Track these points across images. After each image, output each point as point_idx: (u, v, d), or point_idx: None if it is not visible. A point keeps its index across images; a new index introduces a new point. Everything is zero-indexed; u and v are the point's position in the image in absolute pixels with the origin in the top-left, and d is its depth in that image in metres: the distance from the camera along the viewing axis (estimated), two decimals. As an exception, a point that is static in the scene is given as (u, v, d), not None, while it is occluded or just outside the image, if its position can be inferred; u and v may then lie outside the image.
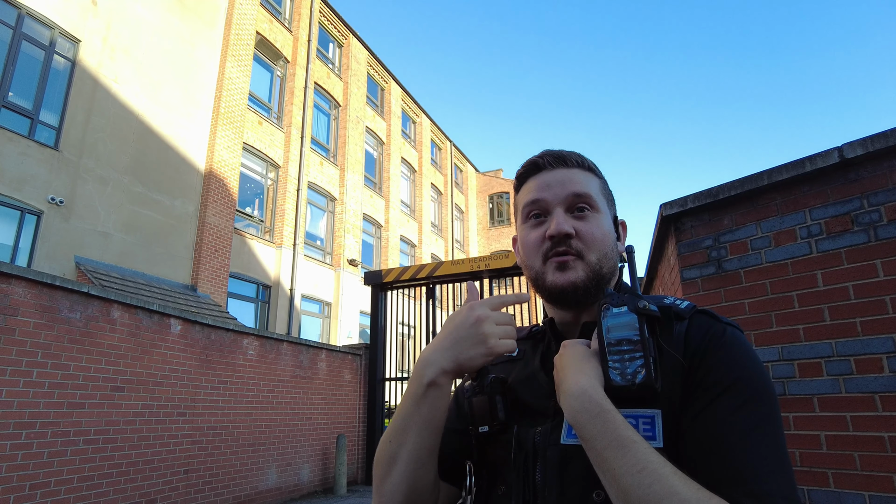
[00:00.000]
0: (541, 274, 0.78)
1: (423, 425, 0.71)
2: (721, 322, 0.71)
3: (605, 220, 0.80)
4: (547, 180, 0.80)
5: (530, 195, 0.81)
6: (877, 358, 2.01)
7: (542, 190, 0.80)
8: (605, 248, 0.78)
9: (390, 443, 0.73)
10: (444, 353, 0.72)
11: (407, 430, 0.71)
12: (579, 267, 0.75)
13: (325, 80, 17.30)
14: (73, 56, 9.71)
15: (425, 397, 0.71)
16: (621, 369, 0.65)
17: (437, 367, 0.71)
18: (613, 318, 0.67)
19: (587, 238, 0.76)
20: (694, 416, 0.63)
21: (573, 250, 0.76)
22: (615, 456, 0.58)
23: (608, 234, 0.79)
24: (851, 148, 2.16)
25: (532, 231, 0.80)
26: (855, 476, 1.99)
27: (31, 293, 4.30)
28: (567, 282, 0.75)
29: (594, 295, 0.75)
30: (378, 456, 0.75)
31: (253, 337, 6.83)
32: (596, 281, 0.76)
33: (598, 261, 0.76)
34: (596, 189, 0.81)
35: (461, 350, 0.72)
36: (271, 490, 6.83)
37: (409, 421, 0.72)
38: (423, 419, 0.71)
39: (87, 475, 4.60)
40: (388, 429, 0.75)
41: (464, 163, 29.24)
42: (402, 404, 0.74)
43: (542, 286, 0.78)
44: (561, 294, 0.76)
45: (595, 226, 0.78)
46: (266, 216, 14.59)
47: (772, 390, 0.65)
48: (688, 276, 2.65)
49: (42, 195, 8.82)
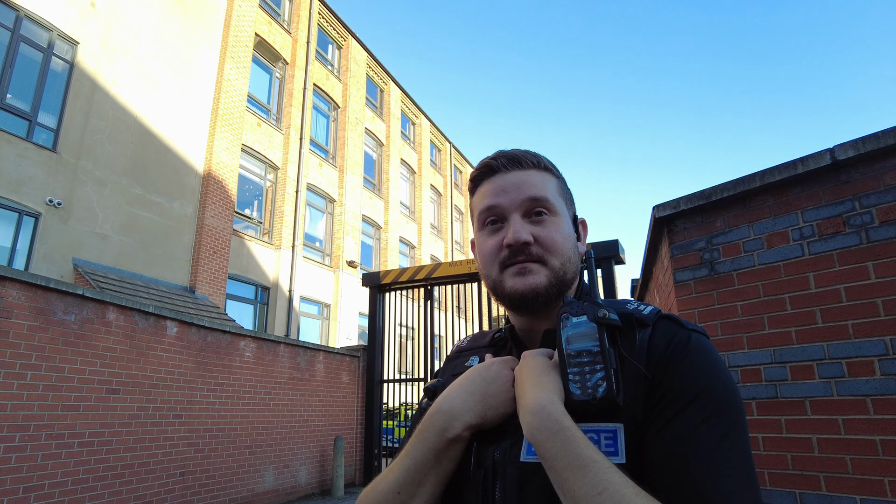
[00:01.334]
0: (499, 282, 0.75)
1: (442, 479, 0.69)
2: (685, 328, 0.68)
3: (564, 222, 0.77)
4: (502, 184, 0.77)
5: (485, 200, 0.78)
6: (869, 361, 2.00)
7: (497, 195, 0.77)
8: (567, 251, 0.75)
9: (399, 494, 0.68)
10: (471, 408, 0.69)
11: (422, 483, 0.68)
12: (541, 272, 0.73)
13: (324, 81, 17.31)
14: (72, 58, 9.72)
15: (447, 451, 0.68)
16: (581, 382, 0.62)
17: (464, 421, 0.68)
18: (573, 327, 0.65)
19: (547, 244, 0.74)
20: (658, 429, 0.61)
21: (533, 257, 0.73)
22: (575, 477, 0.56)
23: (568, 237, 0.77)
24: (843, 150, 2.15)
25: (489, 238, 0.77)
26: (846, 479, 1.97)
27: (26, 295, 4.29)
28: (528, 287, 0.72)
29: (555, 300, 0.73)
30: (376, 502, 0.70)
31: (250, 339, 6.82)
32: (558, 286, 0.73)
33: (562, 265, 0.74)
34: (553, 190, 0.78)
35: (490, 406, 0.69)
36: (268, 492, 6.82)
37: (426, 475, 0.68)
38: (444, 473, 0.69)
39: (81, 478, 4.59)
40: (394, 477, 0.70)
41: (463, 164, 29.24)
42: (415, 455, 0.69)
43: (501, 294, 0.76)
44: (522, 301, 0.73)
45: (554, 230, 0.75)
46: (265, 218, 14.59)
47: (737, 400, 0.62)
48: (681, 279, 2.64)
49: (40, 197, 8.82)
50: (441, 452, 0.68)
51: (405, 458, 0.70)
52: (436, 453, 0.68)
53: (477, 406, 0.69)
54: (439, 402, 0.72)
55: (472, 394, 0.71)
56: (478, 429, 0.69)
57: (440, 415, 0.70)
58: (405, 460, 0.70)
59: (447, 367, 0.90)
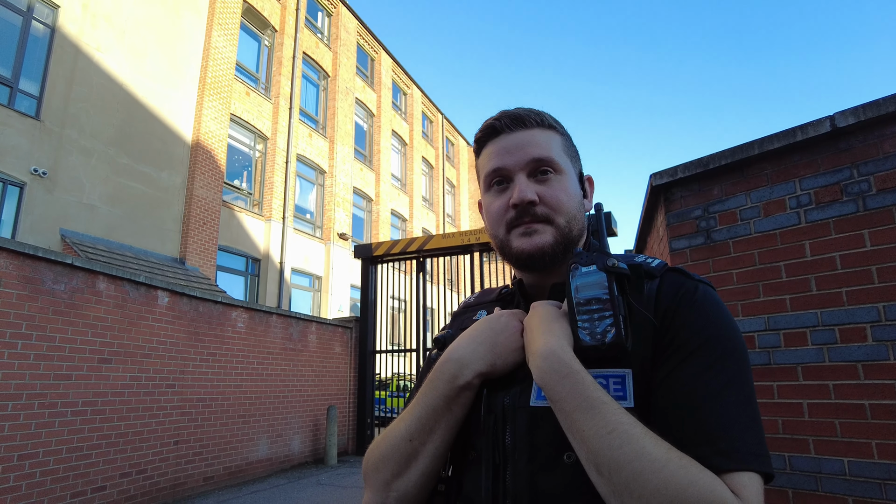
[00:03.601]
0: (506, 242, 0.77)
1: (454, 425, 0.70)
2: (693, 279, 0.70)
3: (569, 180, 0.78)
4: (506, 145, 0.77)
5: (491, 162, 0.78)
6: (861, 327, 2.02)
7: (502, 156, 0.77)
8: (573, 209, 0.76)
9: (411, 441, 0.70)
10: (482, 356, 0.70)
11: (433, 430, 0.69)
12: (547, 231, 0.74)
13: (313, 49, 16.96)
14: (53, 22, 9.42)
15: (458, 398, 0.69)
16: (591, 329, 0.63)
17: (473, 369, 0.69)
18: (582, 277, 0.66)
19: (552, 202, 0.74)
20: (665, 375, 0.62)
21: (539, 217, 0.74)
22: (584, 417, 0.57)
23: (574, 195, 0.77)
24: (843, 117, 2.13)
25: (496, 199, 0.78)
26: (835, 442, 2.01)
27: (14, 264, 4.23)
28: (534, 247, 0.74)
29: (562, 258, 0.74)
30: (387, 453, 0.71)
31: (242, 309, 6.81)
32: (564, 244, 0.74)
33: (567, 223, 0.75)
34: (558, 148, 0.78)
35: (499, 354, 0.70)
36: (262, 461, 6.90)
37: (437, 422, 0.69)
38: (454, 420, 0.70)
39: (76, 446, 4.60)
40: (404, 427, 0.71)
41: (455, 136, 28.99)
42: (426, 403, 0.70)
43: (508, 253, 0.77)
44: (528, 260, 0.74)
45: (560, 189, 0.75)
46: (255, 189, 14.44)
47: (743, 348, 0.64)
48: (676, 247, 2.64)
49: (24, 166, 8.65)
50: (451, 400, 0.70)
51: (416, 406, 0.72)
52: (446, 400, 0.70)
53: (487, 354, 0.70)
54: (450, 351, 0.73)
55: (482, 343, 0.72)
56: (487, 377, 0.71)
57: (451, 363, 0.71)
58: (416, 408, 0.71)
59: (454, 321, 0.91)
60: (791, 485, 2.10)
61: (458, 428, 0.71)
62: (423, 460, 0.69)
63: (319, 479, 6.77)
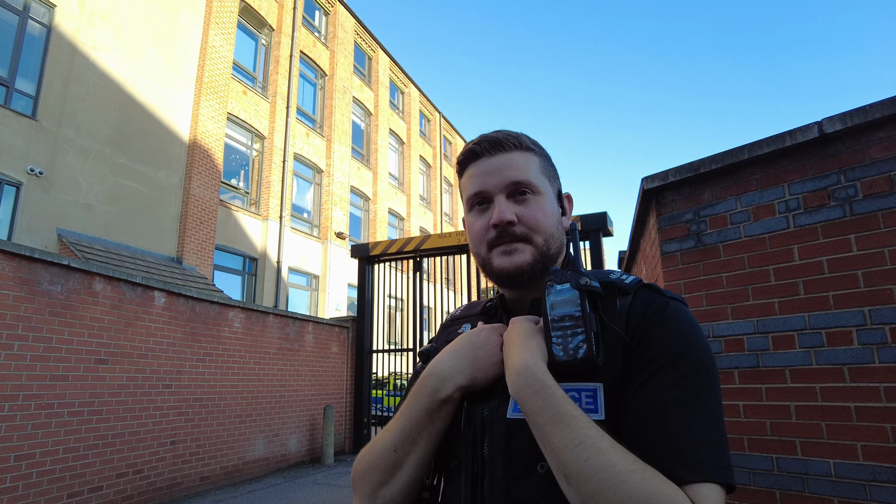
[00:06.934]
0: (487, 260, 0.80)
1: (436, 436, 0.73)
2: (664, 296, 0.72)
3: (547, 200, 0.81)
4: (486, 168, 0.81)
5: (472, 185, 0.82)
6: (847, 331, 2.05)
7: (482, 178, 0.81)
8: (550, 228, 0.79)
9: (395, 451, 0.73)
10: (462, 370, 0.74)
11: (417, 441, 0.73)
12: (526, 250, 0.77)
13: (311, 48, 16.95)
14: (49, 21, 9.41)
15: (440, 411, 0.73)
16: (564, 344, 0.67)
17: (455, 383, 0.73)
18: (556, 294, 0.69)
19: (530, 222, 0.78)
20: (634, 389, 0.65)
21: (518, 236, 0.78)
22: (555, 430, 0.60)
23: (551, 214, 0.81)
24: (831, 122, 2.16)
25: (477, 219, 0.82)
26: (821, 444, 2.04)
27: (10, 266, 4.24)
28: (513, 265, 0.77)
29: (541, 274, 0.77)
30: (373, 462, 0.75)
31: (239, 309, 6.83)
32: (543, 262, 0.78)
33: (545, 242, 0.78)
34: (536, 169, 0.81)
35: (479, 368, 0.74)
36: (259, 460, 6.92)
37: (420, 433, 0.73)
38: (437, 431, 0.73)
39: (72, 446, 4.62)
40: (389, 437, 0.74)
41: (453, 135, 28.98)
42: (410, 415, 0.74)
43: (490, 271, 0.80)
44: (508, 277, 0.78)
45: (537, 209, 0.79)
46: (252, 188, 14.43)
47: (711, 363, 0.66)
48: (668, 250, 2.67)
49: (21, 166, 8.64)
50: (434, 412, 0.73)
51: (400, 418, 0.75)
52: (429, 413, 0.73)
53: (467, 369, 0.74)
54: (432, 365, 0.76)
55: (463, 357, 0.75)
56: (468, 390, 0.74)
57: (433, 377, 0.74)
58: (401, 420, 0.75)
59: (441, 334, 0.95)
60: (779, 486, 2.13)
61: (440, 439, 0.74)
62: (406, 469, 0.73)
63: (316, 478, 6.80)
